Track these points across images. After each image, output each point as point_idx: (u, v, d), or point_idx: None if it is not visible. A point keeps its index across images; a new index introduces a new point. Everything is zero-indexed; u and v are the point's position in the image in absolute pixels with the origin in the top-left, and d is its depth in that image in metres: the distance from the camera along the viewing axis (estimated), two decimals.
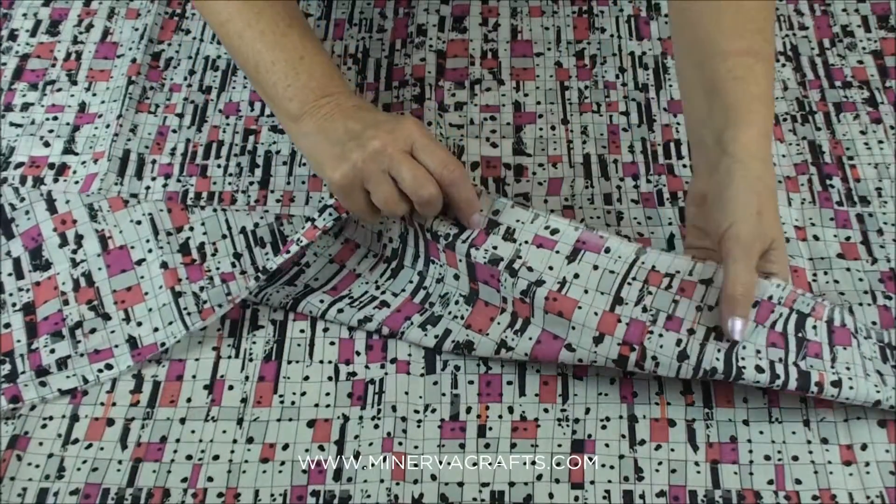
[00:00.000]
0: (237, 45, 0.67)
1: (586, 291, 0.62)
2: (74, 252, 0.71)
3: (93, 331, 0.69)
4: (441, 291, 0.68)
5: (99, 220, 0.72)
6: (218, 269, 0.71)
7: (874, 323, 0.68)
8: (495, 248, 0.64)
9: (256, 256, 0.71)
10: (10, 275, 0.71)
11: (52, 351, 0.68)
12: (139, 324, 0.69)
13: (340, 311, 0.69)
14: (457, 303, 0.67)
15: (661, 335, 0.61)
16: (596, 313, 0.62)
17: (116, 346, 0.68)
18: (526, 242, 0.64)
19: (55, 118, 0.83)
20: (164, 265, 0.70)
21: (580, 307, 0.62)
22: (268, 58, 0.66)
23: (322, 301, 0.70)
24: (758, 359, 0.60)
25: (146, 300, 0.69)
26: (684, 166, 0.79)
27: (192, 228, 0.72)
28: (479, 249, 0.64)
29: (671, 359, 0.61)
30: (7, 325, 0.69)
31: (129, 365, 0.68)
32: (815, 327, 0.62)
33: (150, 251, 0.71)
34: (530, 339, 0.65)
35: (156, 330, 0.69)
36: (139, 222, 0.72)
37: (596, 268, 0.63)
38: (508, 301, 0.65)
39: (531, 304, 0.63)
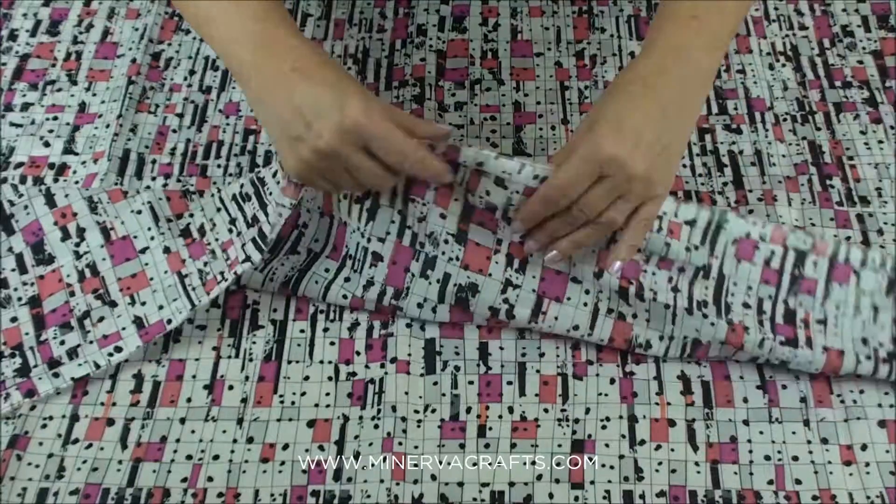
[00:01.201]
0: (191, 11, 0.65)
1: None
2: (77, 245, 0.71)
3: (101, 319, 0.69)
4: (426, 230, 0.67)
5: (99, 212, 0.72)
6: (217, 240, 0.71)
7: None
8: (488, 192, 0.63)
9: (246, 212, 0.70)
10: (13, 270, 0.72)
11: (63, 342, 0.68)
12: (143, 303, 0.69)
13: (347, 279, 0.69)
14: (446, 242, 0.67)
15: (654, 273, 0.65)
16: (593, 251, 0.65)
17: (124, 329, 0.68)
18: (517, 192, 0.63)
19: (55, 118, 0.83)
20: (167, 250, 0.70)
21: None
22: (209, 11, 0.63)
23: (328, 270, 0.70)
24: (747, 296, 0.64)
25: (151, 285, 0.70)
26: (684, 166, 0.79)
27: (191, 215, 0.72)
28: (475, 195, 0.64)
29: (666, 292, 0.64)
30: (14, 319, 0.70)
31: (137, 346, 0.68)
32: (815, 263, 0.65)
33: (152, 238, 0.71)
34: (534, 276, 0.66)
35: (160, 308, 0.69)
36: (139, 212, 0.72)
37: None
38: (504, 243, 0.66)
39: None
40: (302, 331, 0.70)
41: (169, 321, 0.68)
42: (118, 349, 0.68)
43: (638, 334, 0.67)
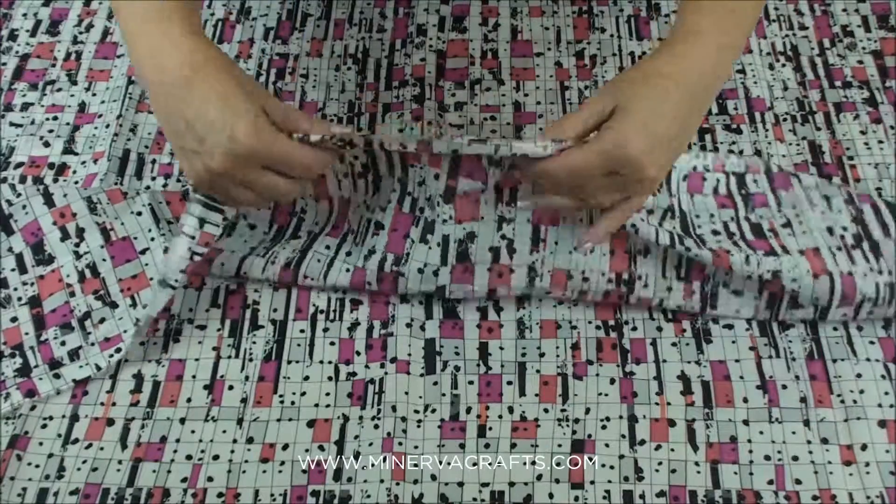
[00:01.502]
0: None
1: None
2: (77, 245, 0.71)
3: (102, 320, 0.69)
4: (426, 194, 0.67)
5: (99, 213, 0.72)
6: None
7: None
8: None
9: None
10: (13, 270, 0.72)
11: (63, 343, 0.68)
12: (145, 305, 0.69)
13: (349, 253, 0.69)
14: (438, 204, 0.67)
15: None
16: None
17: (125, 332, 0.68)
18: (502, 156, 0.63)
19: (55, 118, 0.83)
20: (166, 250, 0.70)
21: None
22: None
23: (328, 247, 0.70)
24: (712, 223, 0.68)
25: (152, 285, 0.70)
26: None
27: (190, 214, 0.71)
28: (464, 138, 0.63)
29: (648, 226, 0.66)
30: (14, 319, 0.70)
31: (135, 329, 0.67)
32: (755, 181, 0.71)
33: (152, 240, 0.71)
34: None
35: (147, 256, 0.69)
36: (140, 213, 0.72)
37: None
38: (491, 181, 0.65)
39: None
40: (302, 331, 0.70)
41: (146, 260, 0.68)
42: (118, 350, 0.68)
43: (634, 270, 0.68)
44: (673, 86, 0.59)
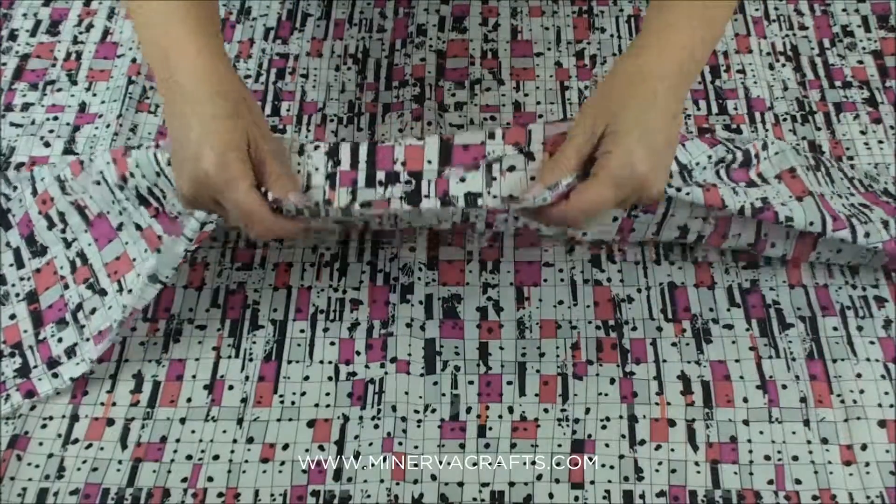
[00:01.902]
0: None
1: None
2: (63, 231, 0.71)
3: (93, 311, 0.69)
4: (399, 265, 0.71)
5: (68, 191, 0.71)
6: (179, 213, 0.67)
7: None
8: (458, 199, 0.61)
9: None
10: (11, 265, 0.72)
11: (60, 340, 0.68)
12: (129, 290, 0.67)
13: (326, 329, 0.70)
14: (420, 269, 0.70)
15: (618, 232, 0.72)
16: (565, 232, 0.71)
17: (116, 321, 0.68)
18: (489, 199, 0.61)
19: (55, 118, 0.83)
20: (138, 227, 0.69)
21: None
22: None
23: (303, 331, 0.70)
24: (710, 163, 0.67)
25: (135, 266, 0.68)
26: None
27: (132, 175, 0.67)
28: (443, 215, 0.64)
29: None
30: (12, 317, 0.70)
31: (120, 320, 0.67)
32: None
33: (119, 213, 0.69)
34: (508, 271, 0.72)
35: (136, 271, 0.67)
36: (98, 183, 0.69)
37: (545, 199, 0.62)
38: (474, 253, 0.69)
39: None
40: (302, 331, 0.70)
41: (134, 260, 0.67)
42: (109, 341, 0.67)
43: (617, 293, 0.71)
44: (658, 84, 0.56)
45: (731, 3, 0.63)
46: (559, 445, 0.64)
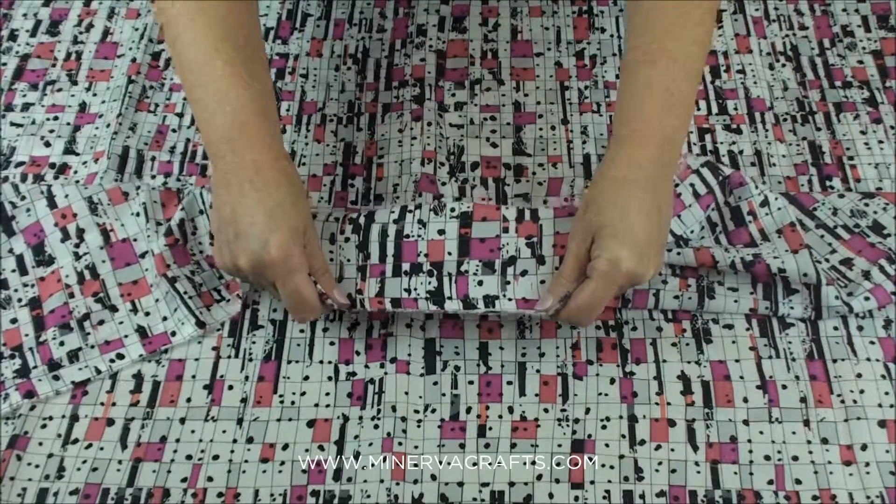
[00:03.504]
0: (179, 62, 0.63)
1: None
2: (77, 246, 0.72)
3: (101, 322, 0.69)
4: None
5: (100, 214, 0.73)
6: (202, 252, 0.71)
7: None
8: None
9: None
10: (13, 271, 0.72)
11: (62, 344, 0.68)
12: (147, 314, 0.69)
13: (326, 329, 0.70)
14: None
15: None
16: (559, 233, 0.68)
17: (126, 336, 0.69)
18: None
19: (56, 118, 0.83)
20: (150, 252, 0.71)
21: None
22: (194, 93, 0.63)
23: (302, 331, 0.70)
24: (700, 224, 0.69)
25: (152, 292, 0.70)
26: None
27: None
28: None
29: None
30: (14, 321, 0.70)
31: (141, 354, 0.68)
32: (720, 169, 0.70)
33: (147, 241, 0.72)
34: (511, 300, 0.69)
35: (164, 319, 0.69)
36: (137, 214, 0.72)
37: (545, 201, 0.74)
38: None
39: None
40: (302, 331, 0.70)
41: (173, 333, 0.68)
42: (120, 356, 0.68)
43: (621, 317, 0.70)
44: (634, 189, 0.61)
45: (697, 77, 0.64)
46: (559, 445, 0.64)
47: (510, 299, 0.64)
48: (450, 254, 0.65)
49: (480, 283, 0.65)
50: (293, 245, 0.60)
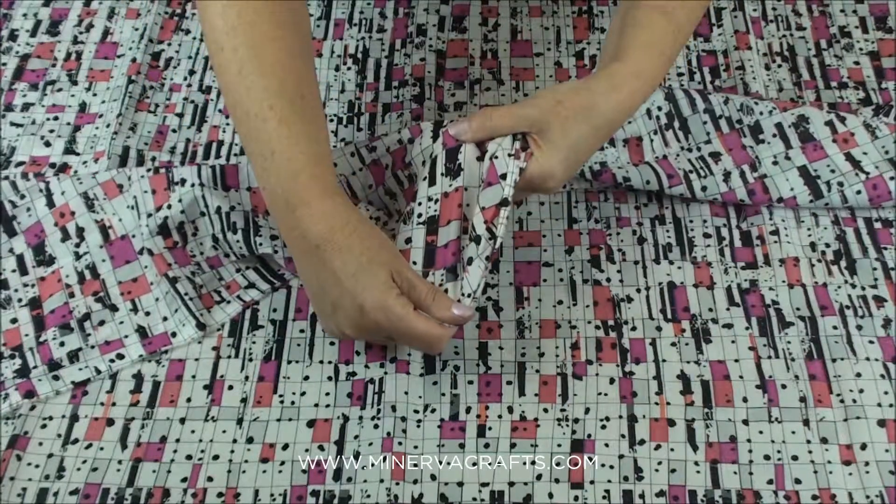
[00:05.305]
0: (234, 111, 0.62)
1: (542, 222, 0.75)
2: (77, 245, 0.71)
3: (101, 323, 0.69)
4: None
5: (97, 210, 0.72)
6: (202, 253, 0.71)
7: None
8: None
9: (230, 242, 0.70)
10: (13, 271, 0.72)
11: (62, 344, 0.68)
12: (147, 314, 0.69)
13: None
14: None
15: (618, 233, 0.74)
16: (559, 234, 0.74)
17: (126, 337, 0.69)
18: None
19: (56, 118, 0.83)
20: (149, 252, 0.70)
21: (544, 235, 0.74)
22: (251, 148, 0.62)
23: (302, 331, 0.70)
24: (704, 227, 0.74)
25: (152, 290, 0.70)
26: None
27: (169, 206, 0.71)
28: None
29: (633, 246, 0.73)
30: (14, 321, 0.70)
31: (141, 354, 0.68)
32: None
33: (144, 238, 0.71)
34: (508, 271, 0.72)
35: (164, 319, 0.69)
36: (132, 207, 0.72)
37: (542, 203, 0.76)
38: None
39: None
40: (302, 331, 0.70)
41: (174, 334, 0.68)
42: (120, 356, 0.68)
43: (617, 293, 0.71)
44: (603, 122, 0.63)
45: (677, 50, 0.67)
46: (559, 445, 0.64)
47: (469, 295, 0.62)
48: (415, 263, 0.63)
49: (446, 290, 0.62)
50: (387, 297, 0.59)
